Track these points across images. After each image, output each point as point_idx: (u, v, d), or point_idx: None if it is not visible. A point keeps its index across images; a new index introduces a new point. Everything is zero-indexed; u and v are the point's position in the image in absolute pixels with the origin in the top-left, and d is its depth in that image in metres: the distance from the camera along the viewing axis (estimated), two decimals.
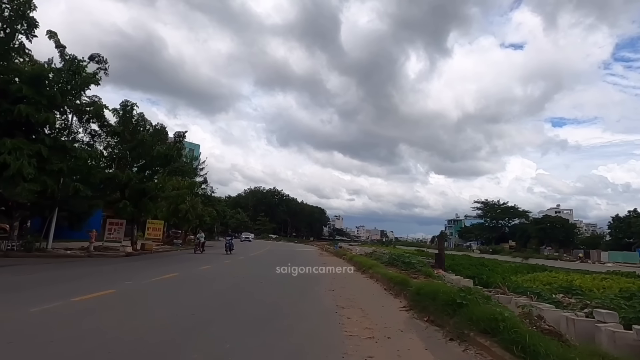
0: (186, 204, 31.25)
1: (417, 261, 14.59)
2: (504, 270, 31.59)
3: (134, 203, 22.64)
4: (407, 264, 14.29)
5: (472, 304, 5.75)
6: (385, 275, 11.43)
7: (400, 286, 9.24)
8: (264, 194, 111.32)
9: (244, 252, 28.54)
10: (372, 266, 14.15)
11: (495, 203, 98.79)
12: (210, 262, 17.80)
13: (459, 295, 6.01)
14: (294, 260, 20.42)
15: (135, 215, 23.59)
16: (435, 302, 6.47)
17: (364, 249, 54.46)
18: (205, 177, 42.92)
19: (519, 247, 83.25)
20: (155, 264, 16.74)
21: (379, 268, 13.51)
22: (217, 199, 63.78)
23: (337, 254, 27.73)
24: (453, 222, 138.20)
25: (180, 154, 23.53)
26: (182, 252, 27.05)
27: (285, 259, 21.56)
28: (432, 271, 12.70)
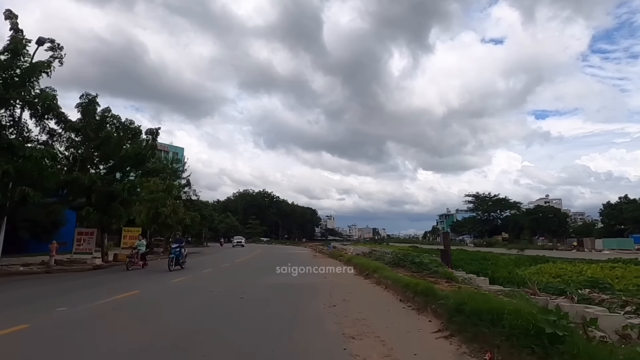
0: (167, 208, 28.44)
1: (430, 260, 12.25)
2: (506, 263, 29.60)
3: (101, 209, 19.90)
4: (417, 264, 11.95)
5: (574, 337, 3.46)
6: (397, 281, 9.06)
7: (423, 297, 6.89)
8: (253, 197, 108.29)
9: (231, 258, 25.96)
10: (377, 269, 11.77)
11: (486, 196, 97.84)
12: (188, 273, 15.24)
13: (547, 320, 3.67)
14: (285, 266, 17.98)
15: (104, 223, 20.82)
16: (499, 327, 4.14)
17: (359, 248, 51.91)
18: (188, 180, 39.97)
19: (512, 238, 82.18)
20: (121, 277, 14.10)
21: (385, 271, 11.15)
22: (203, 202, 60.82)
23: (333, 256, 25.30)
24: (445, 217, 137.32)
25: (153, 154, 20.79)
26: (162, 261, 24.33)
27: (276, 265, 19.11)
28: (453, 273, 10.39)
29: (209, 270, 16.48)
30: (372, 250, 26.25)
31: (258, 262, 22.93)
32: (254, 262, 23.04)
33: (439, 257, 18.26)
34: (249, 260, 24.10)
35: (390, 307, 7.38)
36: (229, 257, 27.85)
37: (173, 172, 36.71)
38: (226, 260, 24.60)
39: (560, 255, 43.19)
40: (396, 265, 13.56)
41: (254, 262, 22.89)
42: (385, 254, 19.59)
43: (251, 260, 24.55)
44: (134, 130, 20.21)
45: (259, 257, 28.43)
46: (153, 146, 20.46)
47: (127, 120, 20.07)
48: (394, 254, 16.09)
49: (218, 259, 27.03)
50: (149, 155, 20.47)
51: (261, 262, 22.90)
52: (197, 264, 22.05)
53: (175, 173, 37.54)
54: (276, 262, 21.40)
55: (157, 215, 28.45)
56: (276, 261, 22.03)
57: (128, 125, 20.28)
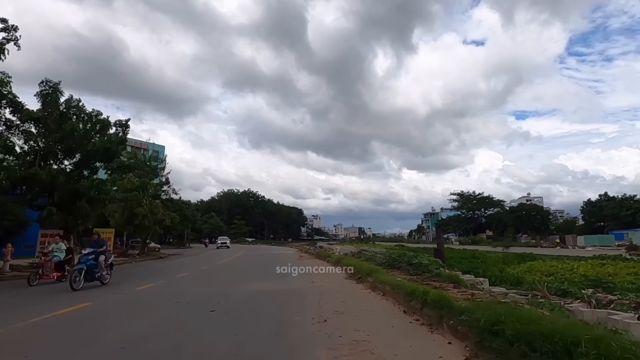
0: (143, 207, 26.46)
1: (429, 261, 10.95)
2: (495, 261, 28.75)
3: (66, 208, 17.97)
4: (415, 266, 10.64)
5: None
6: (397, 287, 7.69)
7: (436, 310, 5.54)
8: (238, 197, 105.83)
9: (212, 260, 24.27)
10: (371, 272, 10.40)
11: (471, 194, 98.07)
12: (161, 277, 13.58)
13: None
14: (268, 269, 16.49)
15: (69, 224, 18.85)
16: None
17: (346, 247, 50.55)
18: (167, 178, 37.84)
19: (496, 236, 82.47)
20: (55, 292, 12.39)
21: (380, 274, 9.79)
22: (184, 202, 58.50)
23: (320, 256, 23.87)
24: (429, 216, 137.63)
25: (124, 148, 18.92)
26: (137, 264, 22.43)
27: (258, 268, 17.60)
28: (458, 276, 9.11)
29: (184, 275, 14.81)
30: (361, 250, 24.97)
31: (240, 264, 21.37)
32: (236, 264, 21.45)
33: (433, 257, 17.17)
34: (231, 262, 22.48)
35: (394, 321, 5.99)
36: (210, 259, 26.11)
37: (151, 169, 34.55)
38: (206, 262, 22.93)
39: (545, 253, 42.97)
40: (390, 266, 12.24)
41: (235, 264, 21.31)
42: (376, 254, 18.31)
43: (233, 262, 22.93)
44: (101, 122, 18.33)
45: (241, 258, 26.79)
46: (123, 140, 18.61)
47: (94, 111, 18.18)
48: (387, 254, 14.77)
49: (198, 260, 25.29)
50: (119, 150, 18.62)
51: (243, 264, 21.33)
52: (175, 266, 20.32)
53: (154, 171, 35.40)
54: (259, 264, 19.98)
55: (132, 216, 26.47)
56: (259, 263, 20.63)
57: (95, 117, 18.38)
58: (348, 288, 9.73)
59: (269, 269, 16.80)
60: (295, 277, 12.73)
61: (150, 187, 28.44)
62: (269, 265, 19.15)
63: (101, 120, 18.59)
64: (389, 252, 15.67)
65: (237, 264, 21.36)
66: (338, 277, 12.04)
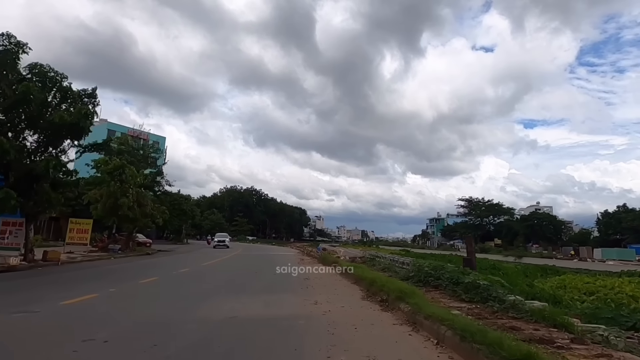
0: (128, 198, 23.12)
1: (490, 282, 7.38)
2: (515, 274, 25.16)
3: (23, 191, 14.67)
4: (467, 286, 7.08)
5: None
6: (467, 333, 4.19)
7: None
8: (240, 194, 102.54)
9: (199, 260, 20.89)
10: (404, 294, 6.87)
11: (479, 201, 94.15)
12: (112, 281, 10.20)
13: None
14: (259, 276, 13.12)
15: (28, 211, 15.54)
16: None
17: (350, 251, 46.61)
18: (161, 169, 34.42)
19: (505, 245, 78.47)
20: (27, 286, 9.14)
21: (419, 300, 6.30)
22: (183, 196, 55.38)
23: (324, 261, 20.32)
24: (435, 221, 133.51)
25: (91, 123, 15.50)
26: (112, 262, 19.13)
27: (247, 276, 14.16)
28: (548, 312, 5.55)
29: (149, 280, 11.38)
30: (373, 256, 21.48)
31: (228, 266, 17.92)
32: (223, 266, 18.01)
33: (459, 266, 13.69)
34: (218, 264, 19.03)
35: None
36: (198, 259, 22.70)
37: (144, 158, 31.25)
38: (192, 262, 19.55)
39: (563, 265, 39.03)
40: (424, 283, 8.75)
41: (222, 267, 17.87)
42: (394, 263, 14.80)
43: (221, 264, 19.48)
44: (65, 90, 14.98)
45: (233, 260, 23.36)
46: (90, 113, 15.22)
47: (57, 74, 14.83)
48: (415, 265, 11.20)
49: (185, 260, 21.93)
50: (87, 125, 15.25)
51: (231, 267, 17.89)
52: (151, 267, 16.94)
53: (147, 159, 32.05)
54: (251, 269, 16.36)
55: (116, 207, 23.16)
56: (251, 268, 16.99)
57: (58, 81, 15.04)
58: (372, 321, 6.19)
59: (260, 276, 13.39)
60: (293, 293, 9.26)
61: (139, 176, 25.09)
62: (262, 270, 15.72)
63: (64, 89, 15.25)
64: (416, 263, 12.10)
65: (225, 266, 17.94)
66: (351, 297, 8.54)
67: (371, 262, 17.24)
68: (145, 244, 33.56)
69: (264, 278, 12.72)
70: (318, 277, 12.76)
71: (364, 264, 19.06)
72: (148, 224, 27.75)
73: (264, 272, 14.80)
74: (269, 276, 13.11)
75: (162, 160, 60.27)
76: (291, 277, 12.66)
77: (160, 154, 59.44)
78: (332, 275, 13.51)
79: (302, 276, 12.99)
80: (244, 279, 12.76)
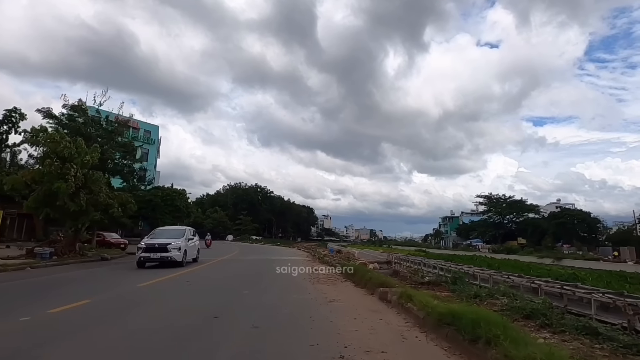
0: (69, 182, 16.14)
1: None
2: (593, 281, 18.08)
3: None
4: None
5: None
6: None
7: None
8: (245, 191, 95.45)
9: (149, 275, 13.60)
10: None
11: (500, 197, 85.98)
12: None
13: None
14: (238, 300, 5.81)
15: None
16: None
17: (368, 252, 38.42)
18: (131, 146, 27.14)
19: (531, 244, 70.39)
20: None
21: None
22: (177, 191, 48.54)
23: (347, 275, 12.64)
24: (448, 220, 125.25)
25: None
26: (34, 273, 12.14)
27: (217, 299, 6.85)
28: None
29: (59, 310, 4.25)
30: (404, 260, 14.22)
31: (195, 283, 10.48)
32: (186, 283, 10.63)
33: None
34: (180, 280, 11.68)
35: None
36: (157, 269, 15.47)
37: (106, 132, 24.15)
38: (136, 278, 12.31)
39: (619, 268, 31.65)
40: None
41: (184, 284, 10.47)
42: (438, 272, 7.51)
43: (185, 279, 12.13)
44: None
45: (213, 268, 16.14)
46: None
47: None
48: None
49: (134, 274, 14.77)
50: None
51: (199, 284, 10.51)
52: (87, 281, 9.83)
53: (111, 134, 24.51)
54: (228, 287, 9.07)
55: (51, 195, 16.20)
56: (230, 285, 9.58)
57: None
58: None
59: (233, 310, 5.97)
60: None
61: (90, 153, 17.94)
62: (240, 296, 8.38)
63: None
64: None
65: (189, 283, 10.63)
66: None
67: (414, 271, 9.97)
68: (119, 245, 26.63)
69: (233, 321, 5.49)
70: (350, 320, 5.51)
71: (405, 277, 11.83)
72: (99, 218, 19.82)
73: (243, 299, 7.57)
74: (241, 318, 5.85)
75: (154, 150, 53.71)
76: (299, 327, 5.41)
77: (152, 144, 52.88)
78: (374, 312, 6.17)
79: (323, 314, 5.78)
80: (194, 323, 5.48)
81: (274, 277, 12.46)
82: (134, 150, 26.00)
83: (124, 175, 25.31)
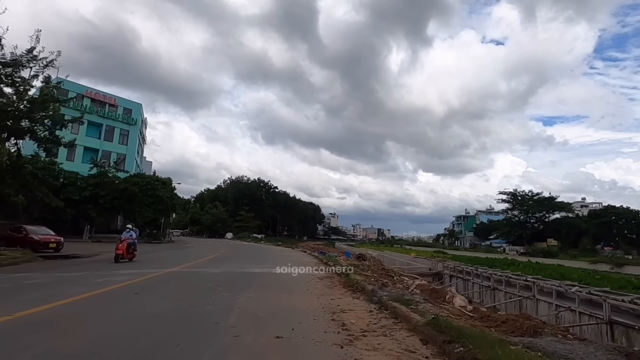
0: None
1: None
2: None
3: None
4: None
5: None
6: None
7: None
8: (247, 185, 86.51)
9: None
10: None
11: (526, 194, 76.20)
12: None
13: None
14: None
15: None
16: None
17: (391, 255, 29.58)
18: (47, 92, 17.94)
19: (565, 246, 60.86)
20: None
21: None
22: (159, 180, 39.97)
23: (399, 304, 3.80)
24: (463, 219, 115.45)
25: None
26: None
27: None
28: None
29: None
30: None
31: None
32: None
33: None
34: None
35: None
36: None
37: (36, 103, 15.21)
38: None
39: None
40: None
41: None
42: None
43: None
44: None
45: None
46: None
47: None
48: None
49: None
50: None
51: None
52: None
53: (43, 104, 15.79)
54: None
55: None
56: None
57: None
58: None
59: None
60: None
61: None
62: None
63: None
64: None
65: None
66: None
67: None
68: (48, 244, 18.04)
69: None
70: None
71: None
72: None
73: None
74: None
75: (136, 132, 45.19)
76: None
77: (133, 125, 44.40)
78: None
79: None
80: None
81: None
82: (62, 119, 17.08)
83: (44, 145, 16.58)
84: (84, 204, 32.83)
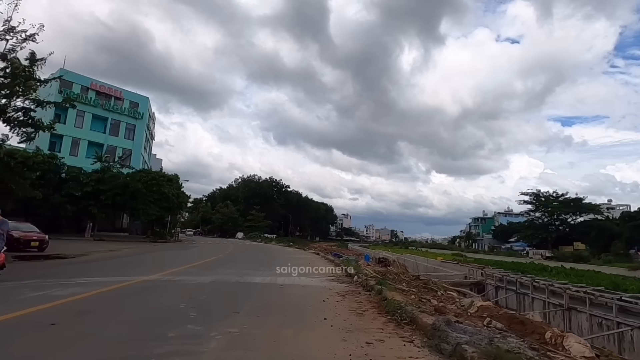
0: None
1: None
2: None
3: None
4: None
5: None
6: None
7: None
8: (259, 184, 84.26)
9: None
10: None
11: (550, 195, 71.56)
12: None
13: None
14: None
15: None
16: None
17: (414, 259, 26.31)
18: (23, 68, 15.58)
19: (595, 251, 56.30)
20: None
21: None
22: (165, 176, 37.78)
23: None
24: (480, 221, 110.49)
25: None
26: None
27: None
28: None
29: None
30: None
31: None
32: None
33: None
34: None
35: None
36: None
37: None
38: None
39: None
40: None
41: None
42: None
43: None
44: None
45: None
46: None
47: None
48: None
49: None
50: None
51: None
52: None
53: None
54: None
55: None
56: None
57: None
58: None
59: None
60: None
61: None
62: None
63: None
64: None
65: None
66: None
67: None
68: (30, 241, 15.82)
69: None
70: None
71: None
72: None
73: None
74: None
75: (142, 126, 43.24)
76: None
77: (139, 119, 42.47)
78: None
79: None
80: None
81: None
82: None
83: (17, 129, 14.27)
84: (85, 200, 30.84)
